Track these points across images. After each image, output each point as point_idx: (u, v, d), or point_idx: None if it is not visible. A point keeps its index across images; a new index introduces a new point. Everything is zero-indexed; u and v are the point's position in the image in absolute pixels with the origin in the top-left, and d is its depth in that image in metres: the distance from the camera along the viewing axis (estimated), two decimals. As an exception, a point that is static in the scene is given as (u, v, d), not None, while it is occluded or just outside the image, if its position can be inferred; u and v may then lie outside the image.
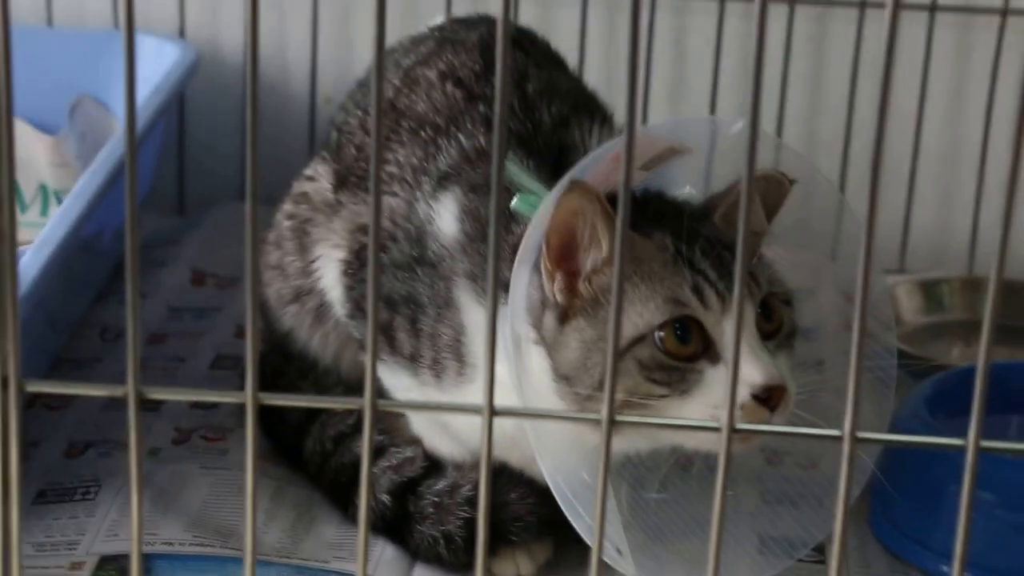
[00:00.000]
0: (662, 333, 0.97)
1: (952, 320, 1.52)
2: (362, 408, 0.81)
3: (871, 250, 0.77)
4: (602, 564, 0.81)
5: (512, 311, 0.98)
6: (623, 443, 1.02)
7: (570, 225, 0.97)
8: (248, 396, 0.80)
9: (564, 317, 0.99)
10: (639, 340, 0.97)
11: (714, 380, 0.96)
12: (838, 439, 0.80)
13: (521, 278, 0.98)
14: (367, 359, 0.80)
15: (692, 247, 0.98)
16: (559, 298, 0.99)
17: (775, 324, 1.00)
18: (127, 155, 0.77)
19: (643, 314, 0.97)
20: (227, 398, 0.83)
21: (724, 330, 0.97)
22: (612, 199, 1.01)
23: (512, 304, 0.99)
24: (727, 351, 0.96)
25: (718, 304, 0.97)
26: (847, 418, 0.79)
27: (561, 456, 0.97)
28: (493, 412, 0.80)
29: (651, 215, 1.02)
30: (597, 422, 0.80)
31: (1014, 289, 1.52)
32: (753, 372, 0.95)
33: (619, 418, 0.80)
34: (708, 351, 0.97)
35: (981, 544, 1.12)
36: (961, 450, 0.80)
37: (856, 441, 0.80)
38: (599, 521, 0.81)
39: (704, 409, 0.96)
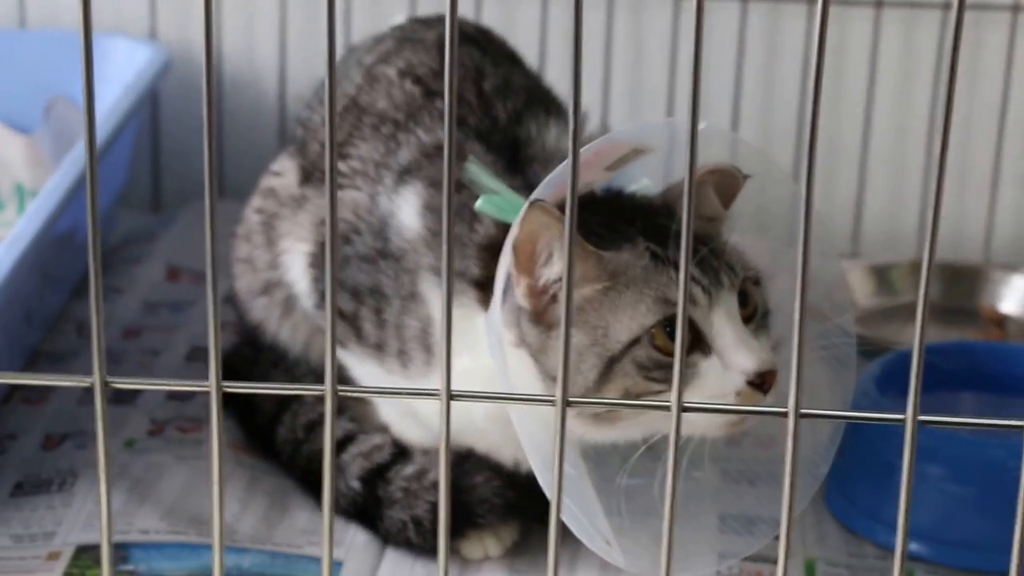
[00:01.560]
0: (656, 332, 0.97)
1: (903, 303, 1.52)
2: (324, 394, 0.81)
3: (809, 224, 0.77)
4: (563, 538, 0.81)
5: (494, 317, 0.99)
6: (616, 434, 1.02)
7: (532, 241, 0.98)
8: (212, 384, 0.80)
9: (539, 319, 1.00)
10: (634, 343, 0.98)
11: (708, 371, 0.97)
12: (784, 415, 0.80)
13: (500, 287, 0.99)
14: (326, 346, 0.80)
15: (668, 247, 0.99)
16: (526, 304, 1.00)
17: (751, 308, 1.01)
18: (87, 150, 0.77)
19: (634, 317, 0.98)
20: (192, 387, 0.83)
21: (712, 322, 0.98)
22: (585, 203, 1.02)
23: (493, 311, 1.00)
24: (717, 341, 0.97)
25: (704, 298, 0.98)
26: (791, 395, 0.80)
27: (546, 449, 0.97)
28: (451, 396, 0.81)
29: (619, 213, 1.02)
30: (552, 404, 0.80)
31: (960, 272, 1.53)
32: (745, 360, 0.97)
33: (572, 399, 0.81)
34: (699, 344, 0.98)
35: (932, 518, 1.14)
36: (901, 424, 0.80)
37: (800, 417, 0.80)
38: (556, 494, 0.81)
39: (702, 400, 0.97)
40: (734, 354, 0.97)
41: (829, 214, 1.62)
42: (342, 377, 1.10)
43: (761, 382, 0.97)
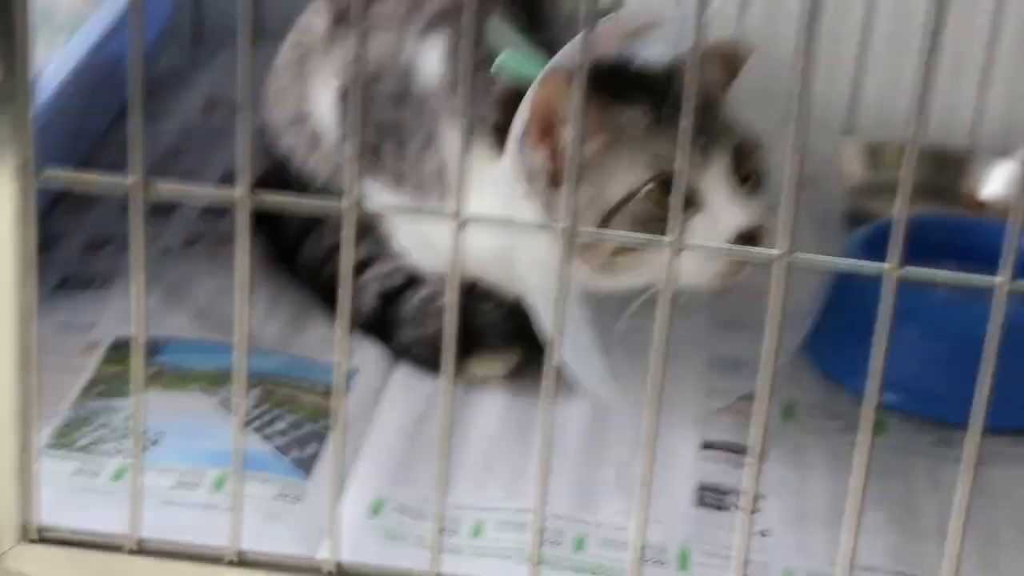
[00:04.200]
0: (651, 188, 0.98)
1: (892, 179, 1.51)
2: (344, 209, 0.82)
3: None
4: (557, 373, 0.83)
5: (505, 168, 1.00)
6: (617, 282, 1.03)
7: (549, 106, 0.99)
8: (243, 193, 0.81)
9: (554, 181, 1.01)
10: (629, 197, 0.99)
11: (699, 226, 0.98)
12: (775, 258, 0.81)
13: (515, 139, 1.00)
14: (347, 164, 0.81)
15: (672, 108, 0.99)
16: (542, 166, 1.01)
17: (747, 169, 1.01)
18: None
19: (631, 172, 0.99)
20: (223, 193, 0.83)
21: (705, 180, 0.99)
22: (597, 69, 1.02)
23: (505, 161, 1.00)
24: (708, 199, 0.99)
25: (699, 157, 0.98)
26: (779, 238, 0.80)
27: (547, 290, 0.98)
28: (462, 220, 0.82)
29: (628, 80, 1.03)
30: (560, 232, 0.81)
31: (947, 155, 1.53)
32: (733, 216, 0.98)
33: (580, 228, 0.82)
34: (691, 201, 0.99)
35: (907, 372, 1.15)
36: (882, 275, 0.81)
37: (788, 262, 0.80)
38: (558, 331, 0.82)
39: (688, 256, 0.98)
40: (722, 211, 0.98)
41: (829, 93, 1.61)
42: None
43: (750, 237, 0.97)
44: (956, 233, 1.30)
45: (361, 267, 1.17)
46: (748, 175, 1.02)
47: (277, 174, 1.26)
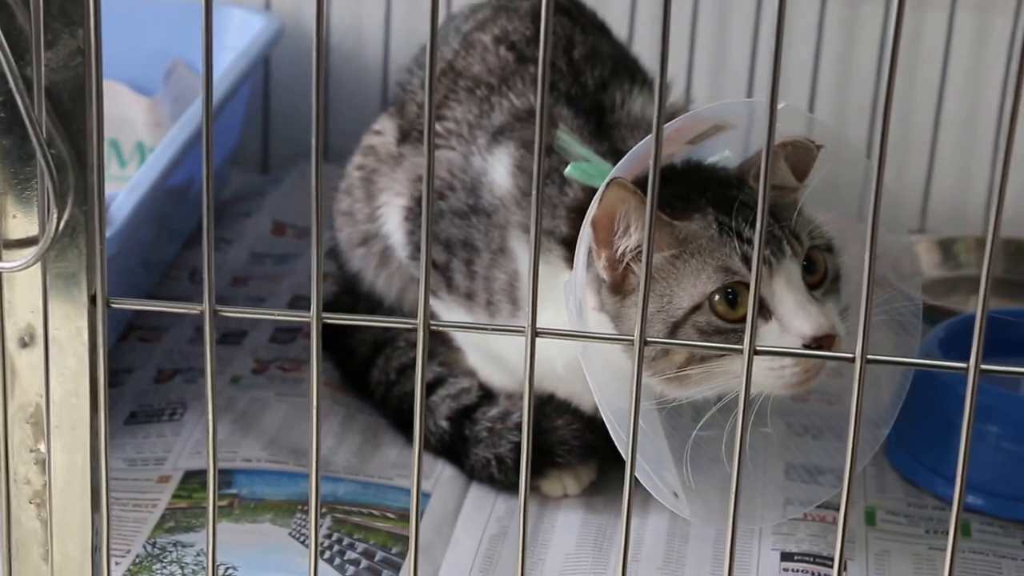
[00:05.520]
0: (717, 299, 0.97)
1: (967, 275, 1.50)
2: (416, 328, 0.81)
3: (880, 185, 0.76)
4: (635, 484, 0.81)
5: (575, 282, 0.99)
6: (688, 393, 1.01)
7: (611, 215, 0.98)
8: (313, 315, 0.81)
9: (616, 290, 1.00)
10: (696, 308, 0.97)
11: (768, 335, 0.97)
12: (851, 360, 0.79)
13: (581, 254, 0.99)
14: (420, 282, 0.80)
15: (736, 217, 0.98)
16: (605, 275, 1.00)
17: (819, 274, 1.00)
18: (204, 104, 0.77)
19: (696, 284, 0.98)
20: (295, 316, 0.83)
21: (774, 290, 0.97)
22: (663, 175, 1.02)
23: (575, 276, 0.99)
24: (777, 307, 0.97)
25: (765, 266, 0.97)
26: (858, 342, 0.79)
27: (618, 402, 0.97)
28: (535, 333, 0.81)
29: (694, 185, 1.02)
30: (632, 343, 0.80)
31: (1022, 250, 1.51)
32: (803, 324, 0.96)
33: (650, 339, 0.81)
34: (761, 309, 0.97)
35: (989, 473, 1.12)
36: (963, 373, 0.79)
37: (866, 362, 0.79)
38: (632, 435, 0.80)
39: (760, 362, 0.96)
40: (793, 319, 0.96)
41: (899, 192, 1.60)
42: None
43: (818, 346, 0.96)
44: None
45: (432, 387, 1.17)
46: (819, 280, 1.00)
47: (347, 294, 1.27)
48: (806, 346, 0.96)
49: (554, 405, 1.13)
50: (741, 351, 0.81)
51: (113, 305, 0.83)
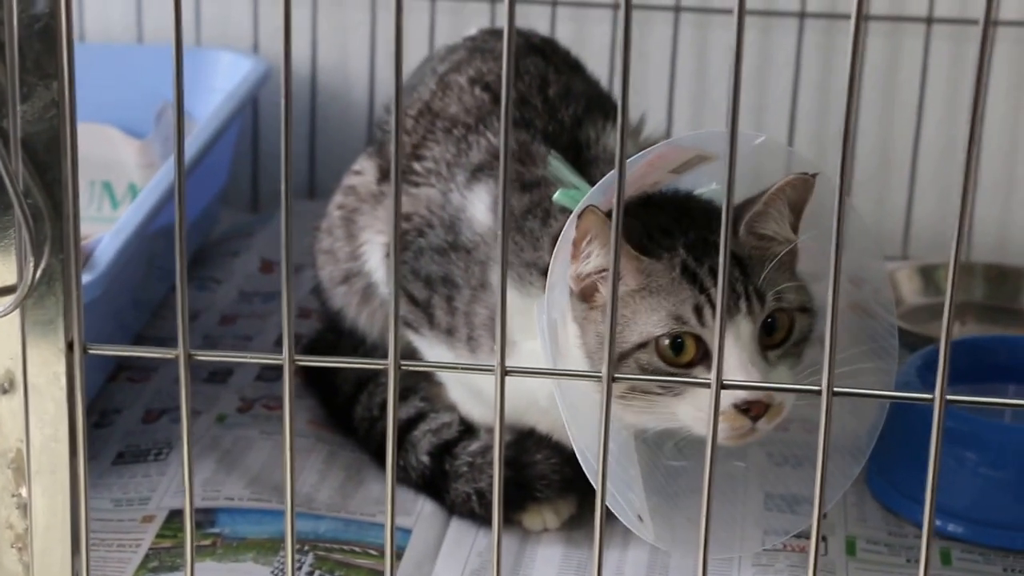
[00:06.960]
0: (663, 343, 0.97)
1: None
2: (387, 368, 0.82)
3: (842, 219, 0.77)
4: (608, 518, 0.81)
5: (549, 300, 1.00)
6: (631, 420, 1.01)
7: (582, 238, 0.99)
8: (285, 358, 0.81)
9: (584, 299, 1.00)
10: (642, 346, 0.98)
11: (702, 386, 0.95)
12: (817, 393, 0.80)
13: (557, 273, 1.00)
14: (390, 323, 0.81)
15: (703, 264, 0.98)
16: (573, 285, 1.01)
17: (778, 337, 0.99)
18: (174, 145, 0.78)
19: (647, 324, 0.98)
20: (269, 359, 0.84)
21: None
22: (643, 199, 1.03)
23: (549, 292, 1.00)
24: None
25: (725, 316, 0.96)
26: (824, 375, 0.79)
27: (590, 430, 0.97)
28: (504, 372, 0.82)
29: (680, 219, 1.02)
30: (599, 379, 0.81)
31: (1005, 274, 1.51)
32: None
33: (618, 375, 0.81)
34: (706, 360, 0.97)
35: (969, 500, 1.12)
36: (930, 403, 0.80)
37: (833, 395, 0.79)
38: (602, 461, 0.81)
39: (692, 411, 0.97)
40: (730, 376, 0.94)
41: (881, 219, 1.60)
42: (414, 359, 1.11)
43: (746, 409, 0.96)
44: (1020, 352, 1.27)
45: (413, 422, 1.17)
46: (778, 342, 0.99)
47: (330, 331, 1.27)
48: (736, 406, 0.95)
49: (534, 439, 1.13)
50: (709, 384, 0.81)
51: (90, 351, 0.84)
